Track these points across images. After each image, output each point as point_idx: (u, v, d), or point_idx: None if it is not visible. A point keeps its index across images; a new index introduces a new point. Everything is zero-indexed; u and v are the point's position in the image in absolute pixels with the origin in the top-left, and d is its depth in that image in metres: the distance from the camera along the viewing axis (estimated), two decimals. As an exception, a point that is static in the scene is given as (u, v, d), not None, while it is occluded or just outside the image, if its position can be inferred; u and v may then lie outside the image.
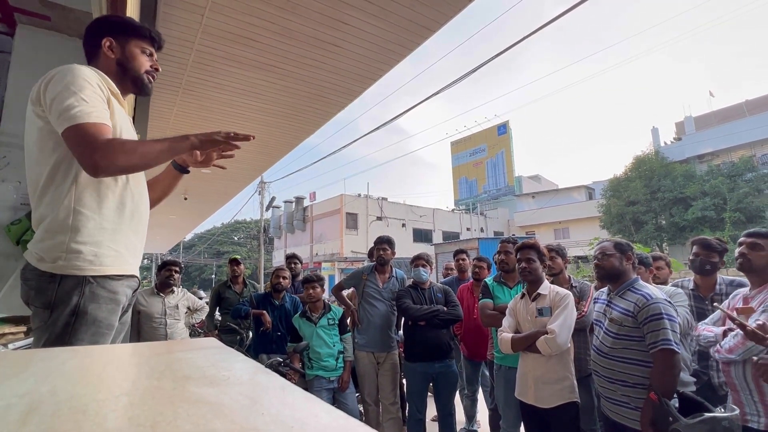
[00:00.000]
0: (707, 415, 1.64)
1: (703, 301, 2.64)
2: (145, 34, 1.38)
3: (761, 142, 22.20)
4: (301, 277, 4.16)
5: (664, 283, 3.09)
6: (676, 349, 1.84)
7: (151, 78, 1.39)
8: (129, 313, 1.41)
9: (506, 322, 2.51)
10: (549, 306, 2.34)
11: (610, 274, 2.16)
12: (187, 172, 1.60)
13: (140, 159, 1.16)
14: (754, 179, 19.23)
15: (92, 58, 1.34)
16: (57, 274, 1.12)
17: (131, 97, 1.49)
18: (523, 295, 2.51)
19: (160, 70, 1.44)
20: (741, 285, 2.48)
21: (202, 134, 1.27)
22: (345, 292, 3.87)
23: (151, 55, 1.40)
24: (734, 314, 1.88)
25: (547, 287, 2.43)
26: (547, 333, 2.25)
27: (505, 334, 2.43)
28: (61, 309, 1.12)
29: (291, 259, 4.54)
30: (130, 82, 1.36)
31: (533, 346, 2.27)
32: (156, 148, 1.19)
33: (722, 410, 1.70)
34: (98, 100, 1.16)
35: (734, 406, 1.78)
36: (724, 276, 2.67)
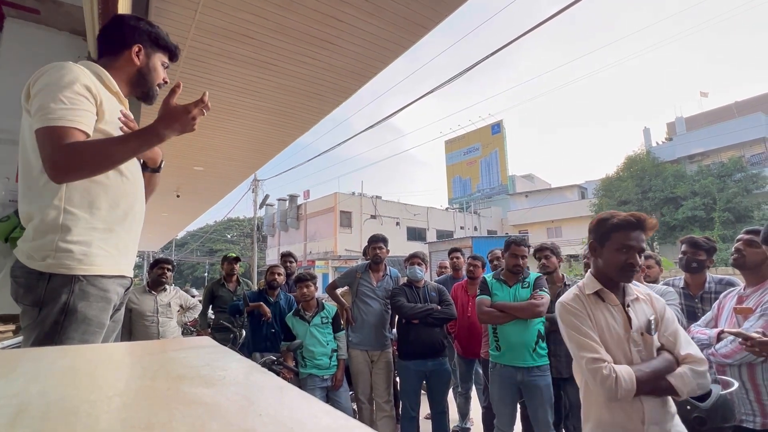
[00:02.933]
0: (718, 393, 1.64)
1: (693, 300, 2.68)
2: (171, 50, 1.41)
3: (750, 143, 22.53)
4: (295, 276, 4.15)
5: (655, 281, 3.13)
6: None
7: (158, 90, 1.41)
8: (122, 312, 1.39)
9: (593, 347, 1.44)
10: (654, 317, 1.51)
11: None
12: (157, 171, 1.55)
13: (102, 162, 1.13)
14: (743, 179, 19.54)
15: (109, 53, 1.33)
16: (46, 272, 1.11)
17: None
18: (601, 298, 1.52)
19: (168, 82, 1.44)
20: (730, 283, 2.51)
21: (175, 126, 1.20)
22: (338, 291, 3.86)
23: (166, 68, 1.42)
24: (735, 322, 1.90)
25: (637, 286, 1.56)
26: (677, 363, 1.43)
27: (622, 367, 1.39)
28: (50, 307, 1.10)
29: (286, 257, 4.52)
30: (141, 91, 1.37)
31: (663, 384, 1.38)
32: (120, 148, 1.15)
33: (722, 387, 1.71)
34: (80, 101, 1.12)
35: (731, 380, 1.79)
36: (713, 275, 2.71)
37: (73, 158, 1.07)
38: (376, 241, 3.53)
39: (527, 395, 2.67)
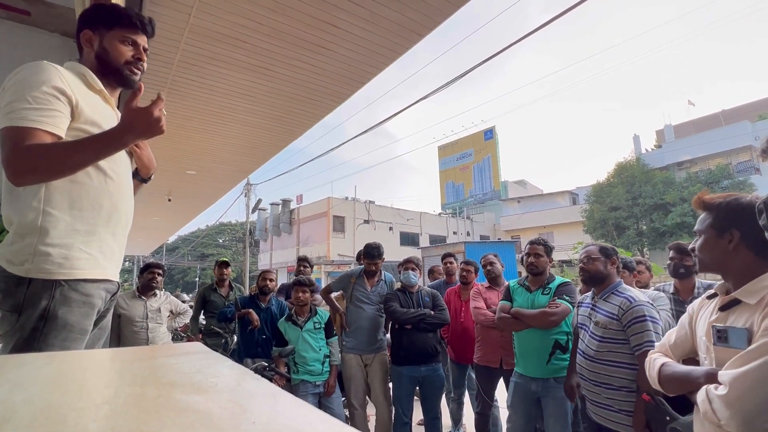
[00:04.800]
0: None
1: (683, 305, 2.71)
2: (125, 23, 1.27)
3: (736, 151, 22.98)
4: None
5: (646, 286, 3.17)
6: None
7: (132, 70, 1.29)
8: (108, 318, 1.35)
9: (669, 335, 1.41)
10: (747, 327, 1.08)
11: (595, 277, 2.19)
12: (146, 181, 1.51)
13: (58, 167, 1.06)
14: (730, 186, 19.89)
15: (80, 53, 1.29)
16: (25, 277, 1.08)
17: (115, 95, 1.42)
18: (712, 295, 1.29)
19: (144, 59, 1.33)
20: None
21: (140, 129, 1.12)
22: (333, 295, 3.84)
23: (134, 44, 1.29)
24: None
25: (763, 287, 1.11)
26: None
27: (660, 356, 1.37)
28: (29, 312, 1.07)
29: (302, 261, 4.47)
30: (111, 75, 1.28)
31: (692, 398, 1.16)
32: (80, 152, 1.08)
33: None
34: (48, 102, 1.07)
35: None
36: (702, 280, 2.75)
37: (28, 160, 1.02)
38: (372, 258, 3.44)
39: (543, 406, 2.57)
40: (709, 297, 1.29)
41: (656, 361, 1.36)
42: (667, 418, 1.57)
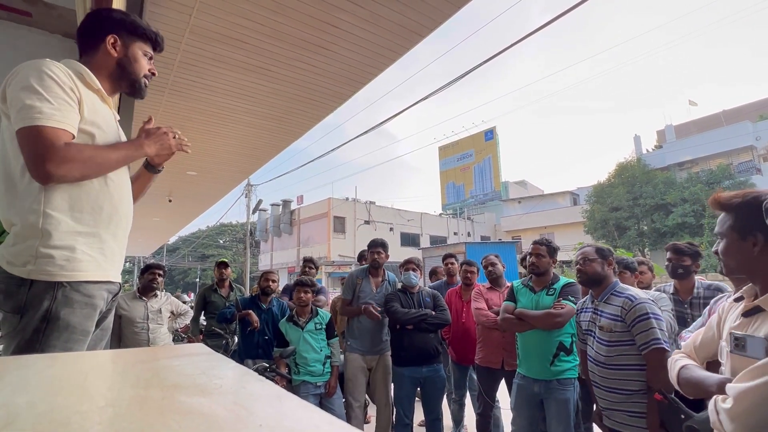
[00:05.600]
0: None
1: (682, 305, 2.71)
2: (151, 37, 1.36)
3: (738, 151, 22.98)
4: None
5: (648, 287, 3.16)
6: (667, 348, 1.86)
7: (146, 82, 1.37)
8: (110, 319, 1.35)
9: (696, 336, 1.37)
10: (766, 337, 1.04)
11: (593, 279, 2.18)
12: (159, 171, 1.51)
13: (95, 168, 1.16)
14: (731, 187, 19.84)
15: (88, 50, 1.29)
16: (27, 278, 1.08)
17: (114, 96, 1.43)
18: (739, 297, 1.23)
19: (156, 74, 1.41)
20: (718, 289, 2.55)
21: (155, 144, 1.33)
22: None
23: (150, 58, 1.38)
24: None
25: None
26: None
27: (681, 357, 1.37)
28: (31, 314, 1.07)
29: (307, 263, 4.47)
30: (127, 83, 1.33)
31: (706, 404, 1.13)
32: (112, 156, 1.19)
33: None
34: (64, 101, 1.09)
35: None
36: (702, 280, 2.74)
37: (65, 161, 1.04)
38: (375, 246, 3.49)
39: (546, 408, 2.54)
40: (737, 299, 1.22)
41: (677, 362, 1.35)
42: (682, 416, 1.54)
